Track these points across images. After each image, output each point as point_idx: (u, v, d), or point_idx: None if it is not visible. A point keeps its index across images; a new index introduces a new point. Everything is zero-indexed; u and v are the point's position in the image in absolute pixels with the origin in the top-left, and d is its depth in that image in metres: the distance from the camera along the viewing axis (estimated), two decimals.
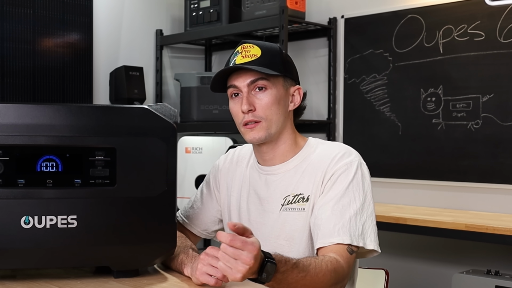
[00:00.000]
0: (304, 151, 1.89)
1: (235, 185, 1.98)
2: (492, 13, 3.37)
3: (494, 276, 3.12)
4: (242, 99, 1.82)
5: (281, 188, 1.86)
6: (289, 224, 1.82)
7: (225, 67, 1.84)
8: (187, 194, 4.03)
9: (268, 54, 1.82)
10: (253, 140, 1.84)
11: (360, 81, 3.90)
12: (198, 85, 4.06)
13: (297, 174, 1.85)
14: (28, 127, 1.62)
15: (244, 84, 1.82)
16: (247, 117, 1.82)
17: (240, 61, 1.81)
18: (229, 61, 1.85)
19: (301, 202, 1.81)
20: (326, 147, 1.87)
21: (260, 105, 1.81)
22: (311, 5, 4.06)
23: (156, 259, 1.76)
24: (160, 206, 1.70)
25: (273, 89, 1.82)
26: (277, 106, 1.82)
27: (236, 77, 1.83)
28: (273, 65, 1.81)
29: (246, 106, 1.80)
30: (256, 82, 1.81)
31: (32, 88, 3.74)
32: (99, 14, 4.11)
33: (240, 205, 1.94)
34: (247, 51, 1.82)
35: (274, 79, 1.83)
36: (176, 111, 1.77)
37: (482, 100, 3.40)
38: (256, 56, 1.81)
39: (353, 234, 1.71)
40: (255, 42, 1.85)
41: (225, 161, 2.06)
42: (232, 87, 1.84)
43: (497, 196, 3.38)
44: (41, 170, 1.65)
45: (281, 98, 1.84)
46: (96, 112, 1.68)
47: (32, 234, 1.61)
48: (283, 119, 1.85)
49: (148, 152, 1.69)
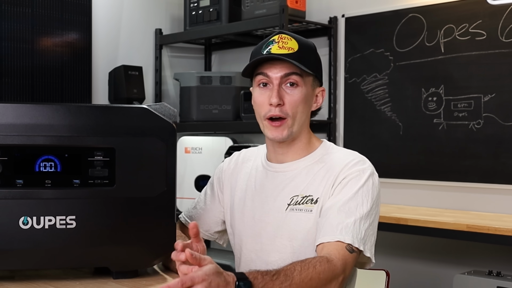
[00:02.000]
0: (318, 153, 1.88)
1: (239, 185, 1.97)
2: (494, 12, 3.36)
3: (496, 277, 3.12)
4: (271, 90, 1.79)
5: (289, 188, 1.85)
6: (294, 224, 1.81)
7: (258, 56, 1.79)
8: (186, 194, 4.02)
9: (304, 50, 1.80)
10: (276, 138, 1.82)
11: (360, 81, 3.89)
12: (198, 85, 4.06)
13: (308, 176, 1.83)
14: (26, 127, 1.63)
15: (277, 76, 1.78)
16: (273, 111, 1.78)
17: (276, 51, 1.77)
18: (261, 47, 1.81)
19: (310, 203, 1.80)
20: (342, 155, 1.86)
21: (289, 101, 1.79)
22: (311, 4, 4.06)
23: (156, 260, 1.77)
24: (159, 207, 1.71)
25: (303, 87, 1.80)
26: (303, 105, 1.81)
27: (270, 66, 1.79)
28: (308, 62, 1.79)
29: (276, 99, 1.77)
30: (290, 77, 1.78)
31: (30, 88, 3.73)
32: (98, 13, 4.10)
33: (244, 203, 1.92)
34: (285, 42, 1.78)
35: (306, 77, 1.81)
36: (176, 111, 1.78)
37: (484, 100, 3.39)
38: (293, 50, 1.77)
39: (355, 236, 1.69)
40: (292, 35, 1.82)
41: (230, 163, 2.05)
42: (262, 75, 1.80)
43: (498, 197, 3.37)
44: (40, 170, 1.65)
45: (309, 97, 1.83)
46: (95, 112, 1.69)
47: (30, 234, 1.62)
48: (305, 118, 1.84)
49: (148, 152, 1.70)
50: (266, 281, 1.48)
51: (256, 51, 1.84)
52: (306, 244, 1.78)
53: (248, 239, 1.89)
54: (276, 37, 1.81)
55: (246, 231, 1.90)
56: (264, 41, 1.83)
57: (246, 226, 1.90)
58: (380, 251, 3.64)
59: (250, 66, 1.82)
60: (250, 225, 1.89)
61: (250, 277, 1.46)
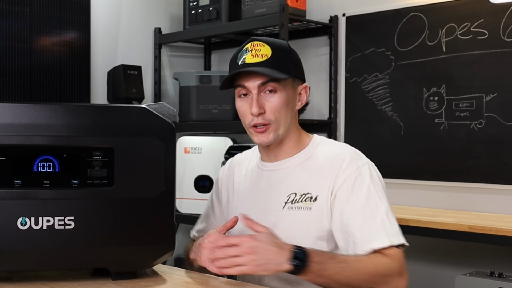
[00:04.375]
0: (309, 148, 1.90)
1: (236, 188, 1.99)
2: (496, 11, 3.35)
3: (498, 278, 3.11)
4: (251, 100, 1.82)
5: (285, 185, 1.86)
6: (293, 223, 1.82)
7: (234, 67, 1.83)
8: (186, 195, 4.02)
9: (278, 54, 1.81)
10: (262, 143, 1.85)
11: (361, 80, 3.88)
12: (197, 84, 4.05)
13: (303, 173, 1.85)
14: (24, 127, 1.62)
15: (254, 86, 1.81)
16: (256, 120, 1.82)
17: (250, 61, 1.80)
18: (236, 57, 1.84)
19: (308, 201, 1.81)
20: (333, 148, 1.88)
21: (270, 107, 1.81)
22: (312, 3, 4.05)
23: (155, 261, 1.76)
24: (158, 207, 1.72)
25: (282, 92, 1.82)
26: (286, 108, 1.83)
27: (246, 77, 1.82)
28: (283, 66, 1.81)
29: (256, 109, 1.80)
30: (267, 85, 1.81)
31: (29, 87, 3.73)
32: (97, 12, 4.09)
33: (242, 205, 1.94)
34: (257, 49, 1.81)
35: (283, 81, 1.82)
36: (175, 111, 1.79)
37: (486, 100, 3.38)
38: (266, 56, 1.80)
39: (390, 234, 1.71)
40: (264, 40, 1.83)
41: (224, 171, 2.09)
42: (240, 86, 1.84)
43: (500, 197, 3.37)
44: (38, 171, 1.65)
45: (290, 99, 1.85)
46: (93, 112, 1.69)
47: (29, 235, 1.61)
48: (290, 119, 1.86)
49: (147, 152, 1.70)
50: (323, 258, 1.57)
51: (232, 61, 1.87)
52: (306, 242, 1.77)
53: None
54: (249, 45, 1.84)
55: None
56: (238, 49, 1.87)
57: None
58: None
59: (227, 80, 1.85)
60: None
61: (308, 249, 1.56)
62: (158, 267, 1.85)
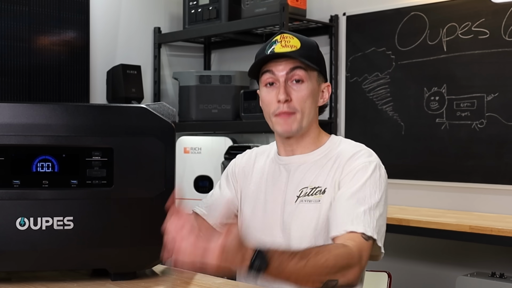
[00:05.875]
0: (326, 147, 1.91)
1: (253, 178, 2.00)
2: (497, 11, 3.35)
3: (499, 279, 3.11)
4: (277, 88, 1.83)
5: (299, 180, 1.88)
6: (304, 216, 1.83)
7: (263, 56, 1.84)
8: (185, 195, 4.01)
9: (306, 47, 1.85)
10: (285, 132, 1.85)
11: (362, 80, 3.87)
12: (197, 84, 4.05)
13: (317, 169, 1.87)
14: (23, 127, 1.62)
15: (283, 73, 1.83)
16: (282, 107, 1.83)
17: (279, 50, 1.83)
18: (265, 49, 1.86)
19: (318, 194, 1.83)
20: (349, 146, 1.90)
21: (297, 96, 1.83)
22: (312, 2, 4.05)
23: (154, 262, 1.76)
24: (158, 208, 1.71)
25: (309, 83, 1.85)
26: (311, 100, 1.86)
27: (274, 64, 1.84)
28: (311, 58, 1.84)
29: (283, 95, 1.81)
30: (295, 72, 1.83)
31: (27, 87, 3.72)
32: (96, 12, 4.08)
33: (257, 197, 1.95)
34: (287, 41, 1.84)
35: (310, 73, 1.85)
36: (175, 111, 1.80)
37: (487, 99, 3.38)
38: (296, 47, 1.82)
39: (367, 225, 1.71)
40: (294, 34, 1.87)
41: (243, 158, 2.09)
42: (269, 72, 1.85)
43: (502, 197, 3.37)
44: (37, 171, 1.65)
45: (315, 92, 1.88)
46: (93, 112, 1.69)
47: (27, 235, 1.61)
48: (313, 113, 1.88)
49: (146, 152, 1.70)
50: (282, 260, 1.53)
51: (259, 52, 1.90)
52: (317, 234, 1.81)
53: (258, 233, 1.91)
54: (278, 37, 1.87)
55: (256, 225, 1.93)
56: (266, 42, 1.89)
57: (256, 219, 1.93)
58: None
59: (255, 66, 1.87)
60: (261, 219, 1.92)
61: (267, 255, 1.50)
62: (157, 268, 1.84)
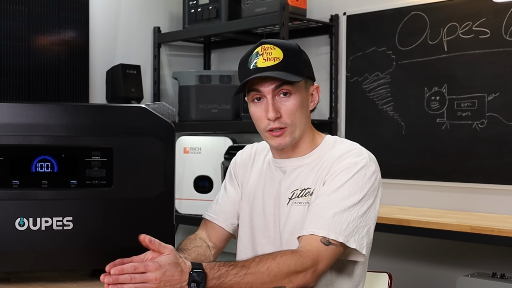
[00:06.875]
0: (320, 149, 1.90)
1: (251, 178, 2.00)
2: (498, 10, 3.34)
3: (500, 279, 3.11)
4: (266, 105, 1.81)
5: (290, 182, 1.88)
6: (294, 218, 1.84)
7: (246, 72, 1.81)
8: (185, 195, 4.01)
9: (289, 56, 1.81)
10: (279, 145, 1.85)
11: (362, 80, 3.86)
12: (197, 84, 4.04)
13: (308, 170, 1.87)
14: (23, 127, 1.63)
15: (268, 90, 1.80)
16: (272, 124, 1.81)
17: (262, 64, 1.79)
18: (247, 61, 1.83)
19: (308, 196, 1.83)
20: (341, 146, 1.88)
21: (286, 111, 1.81)
22: (312, 2, 4.04)
23: None
24: (157, 208, 1.74)
25: (297, 94, 1.82)
26: (301, 111, 1.83)
27: (259, 81, 1.81)
28: (295, 68, 1.81)
29: (272, 113, 1.79)
30: (281, 88, 1.80)
31: (27, 87, 3.72)
32: (96, 11, 4.08)
33: (254, 196, 1.96)
34: (268, 53, 1.80)
35: (297, 83, 1.82)
36: (174, 110, 1.81)
37: (488, 99, 3.37)
38: (278, 59, 1.79)
39: (333, 229, 1.70)
40: (274, 42, 1.83)
41: (242, 155, 2.09)
42: (255, 91, 1.82)
43: (502, 197, 3.36)
44: (36, 171, 1.66)
45: (304, 101, 1.85)
46: (92, 111, 1.69)
47: (27, 236, 1.62)
48: (305, 121, 1.87)
49: (146, 152, 1.71)
50: (222, 272, 1.55)
51: (242, 65, 1.85)
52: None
53: (258, 234, 1.93)
54: (259, 49, 1.82)
55: (255, 225, 1.94)
56: (248, 53, 1.85)
57: (255, 219, 1.94)
58: (382, 253, 3.63)
59: (241, 86, 1.84)
60: (259, 219, 1.93)
61: (206, 268, 1.53)
62: None
